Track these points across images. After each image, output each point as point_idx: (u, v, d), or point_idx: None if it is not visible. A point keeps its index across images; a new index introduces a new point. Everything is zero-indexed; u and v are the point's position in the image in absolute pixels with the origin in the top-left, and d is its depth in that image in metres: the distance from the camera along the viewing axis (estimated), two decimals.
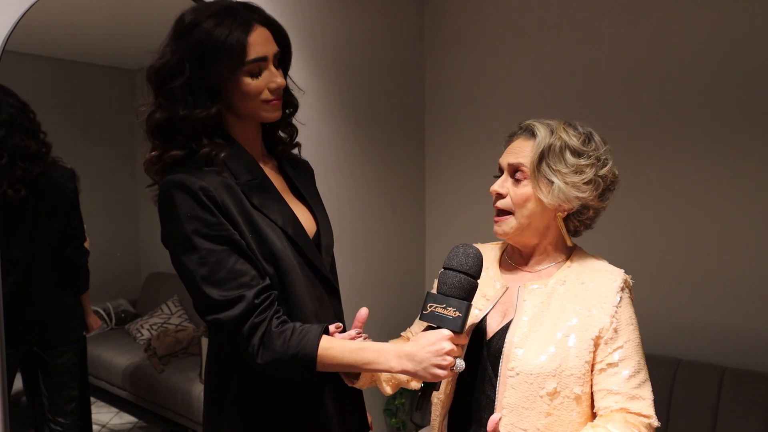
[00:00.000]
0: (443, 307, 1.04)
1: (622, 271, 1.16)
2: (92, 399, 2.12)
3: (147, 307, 2.34)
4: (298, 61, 1.23)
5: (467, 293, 1.06)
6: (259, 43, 1.07)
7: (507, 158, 1.17)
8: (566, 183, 1.11)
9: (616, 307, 1.11)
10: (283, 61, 1.17)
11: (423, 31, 2.90)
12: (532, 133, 1.15)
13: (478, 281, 1.08)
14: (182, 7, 1.11)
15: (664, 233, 2.29)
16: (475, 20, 2.75)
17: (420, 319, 1.07)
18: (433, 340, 1.01)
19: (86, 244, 1.75)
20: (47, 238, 1.66)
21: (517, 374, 1.09)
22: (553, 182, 1.12)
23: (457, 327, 1.03)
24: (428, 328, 1.06)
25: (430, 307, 1.05)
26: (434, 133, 2.92)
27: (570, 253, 1.22)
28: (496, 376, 1.13)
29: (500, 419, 1.07)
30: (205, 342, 2.37)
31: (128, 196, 1.99)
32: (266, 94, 1.10)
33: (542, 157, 1.12)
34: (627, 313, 1.12)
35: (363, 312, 1.13)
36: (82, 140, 1.93)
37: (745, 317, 2.14)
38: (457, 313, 1.03)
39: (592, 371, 1.10)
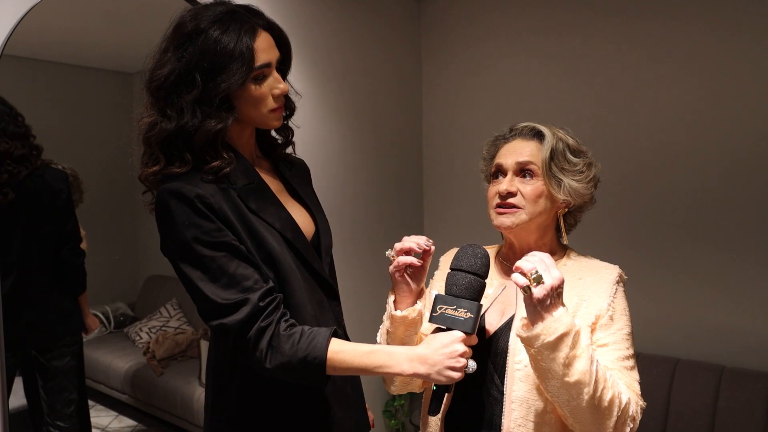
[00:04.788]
0: (453, 309, 1.03)
1: (617, 266, 1.20)
2: (91, 402, 2.12)
3: (146, 310, 2.34)
4: (295, 63, 1.22)
5: (477, 294, 1.05)
6: (264, 49, 1.06)
7: (513, 158, 1.19)
8: (575, 180, 1.17)
9: (613, 297, 1.14)
10: (283, 65, 1.16)
11: (420, 32, 2.91)
12: (534, 134, 1.20)
13: (486, 281, 1.08)
14: (179, 10, 1.09)
15: (665, 231, 2.30)
16: (472, 22, 2.76)
17: (430, 321, 1.05)
18: (445, 342, 0.99)
19: (83, 245, 1.75)
20: (42, 240, 1.65)
21: (525, 366, 1.10)
22: (561, 180, 1.16)
23: (468, 328, 1.01)
24: (437, 330, 1.05)
25: (440, 309, 1.04)
26: (432, 133, 2.93)
27: (564, 253, 1.25)
28: (500, 373, 1.14)
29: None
30: (204, 345, 2.37)
31: (126, 199, 1.99)
32: (271, 102, 1.10)
33: (552, 156, 1.17)
34: (622, 304, 1.16)
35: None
36: (80, 144, 1.93)
37: (743, 316, 2.14)
38: (469, 314, 1.02)
39: None
